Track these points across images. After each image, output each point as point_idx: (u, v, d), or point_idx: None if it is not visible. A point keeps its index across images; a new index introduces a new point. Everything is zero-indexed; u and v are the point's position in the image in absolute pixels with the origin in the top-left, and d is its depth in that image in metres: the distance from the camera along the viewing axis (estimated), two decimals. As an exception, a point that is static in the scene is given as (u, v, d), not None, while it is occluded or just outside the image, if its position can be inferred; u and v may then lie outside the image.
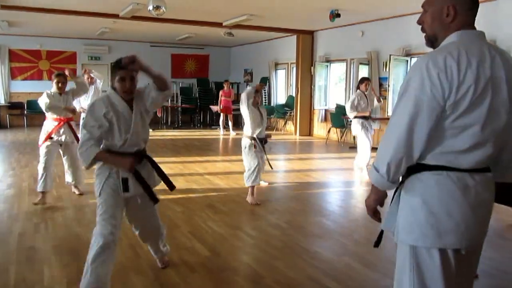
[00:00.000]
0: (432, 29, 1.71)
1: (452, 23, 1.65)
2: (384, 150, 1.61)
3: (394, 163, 1.58)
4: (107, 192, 2.74)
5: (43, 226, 4.25)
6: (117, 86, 2.74)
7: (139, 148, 2.84)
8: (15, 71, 13.69)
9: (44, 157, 4.91)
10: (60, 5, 8.55)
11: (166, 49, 15.55)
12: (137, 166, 2.81)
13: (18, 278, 3.10)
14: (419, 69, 1.54)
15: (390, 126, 1.61)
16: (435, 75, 1.51)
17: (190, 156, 8.55)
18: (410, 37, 8.80)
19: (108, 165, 2.76)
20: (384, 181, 1.62)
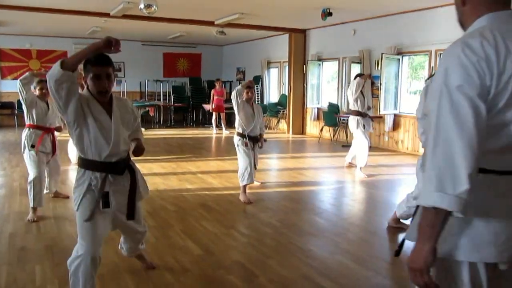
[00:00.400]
0: (458, 15, 1.51)
1: (465, 7, 1.45)
2: (452, 162, 1.25)
3: (474, 173, 1.25)
4: (85, 207, 2.49)
5: (34, 226, 4.22)
6: (90, 86, 2.45)
7: (121, 157, 2.57)
8: (5, 70, 13.56)
9: (34, 170, 4.47)
10: (50, 4, 8.47)
11: (158, 48, 15.48)
12: (118, 178, 2.58)
13: (10, 279, 3.08)
14: (456, 57, 1.29)
15: (443, 131, 1.27)
16: (475, 62, 1.26)
17: (183, 155, 8.53)
18: (402, 35, 8.85)
19: (87, 174, 2.49)
20: (463, 201, 1.24)
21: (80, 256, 2.48)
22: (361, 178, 6.41)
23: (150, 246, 3.71)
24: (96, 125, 2.44)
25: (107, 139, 2.47)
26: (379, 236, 4.09)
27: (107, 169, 2.53)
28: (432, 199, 1.26)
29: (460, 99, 1.26)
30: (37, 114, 4.54)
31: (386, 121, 9.32)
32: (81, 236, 2.52)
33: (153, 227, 4.21)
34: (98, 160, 2.49)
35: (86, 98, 2.46)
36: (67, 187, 5.75)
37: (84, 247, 2.49)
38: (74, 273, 2.50)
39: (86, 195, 2.50)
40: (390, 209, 4.76)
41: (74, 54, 2.33)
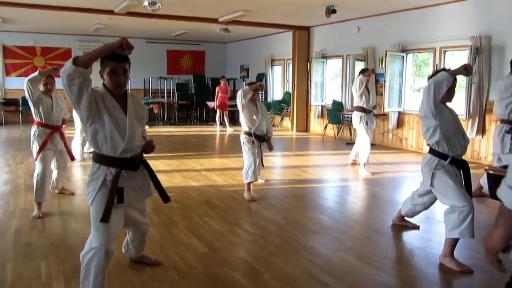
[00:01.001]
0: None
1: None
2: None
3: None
4: (99, 201, 2.53)
5: (39, 222, 4.24)
6: (107, 81, 2.50)
7: (135, 153, 2.60)
8: (9, 67, 13.60)
9: (41, 166, 4.50)
10: (54, 1, 8.49)
11: (161, 45, 15.49)
12: (132, 173, 2.62)
13: (15, 275, 3.10)
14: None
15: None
16: None
17: (187, 152, 8.55)
18: (406, 33, 8.81)
19: (102, 169, 2.54)
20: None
21: (94, 248, 2.52)
22: (364, 175, 6.41)
23: (155, 243, 3.73)
24: (112, 121, 2.46)
25: (122, 134, 2.49)
26: (383, 234, 4.09)
27: (122, 165, 2.56)
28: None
29: None
30: (44, 111, 4.57)
31: (390, 119, 9.30)
32: (96, 229, 2.56)
33: (157, 224, 4.23)
34: (113, 155, 2.52)
35: (101, 94, 2.49)
36: (72, 184, 5.78)
37: (99, 239, 2.52)
38: (87, 266, 2.54)
39: (101, 189, 2.53)
40: (394, 207, 4.76)
41: (89, 52, 2.36)
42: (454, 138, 3.35)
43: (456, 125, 3.40)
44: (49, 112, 4.61)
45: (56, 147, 4.70)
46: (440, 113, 3.31)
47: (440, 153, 3.37)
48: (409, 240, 3.96)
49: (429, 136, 3.40)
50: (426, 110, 3.34)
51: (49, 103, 4.63)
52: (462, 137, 3.39)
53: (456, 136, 3.36)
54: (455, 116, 3.45)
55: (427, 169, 3.44)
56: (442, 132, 3.32)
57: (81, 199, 5.08)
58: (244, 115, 5.01)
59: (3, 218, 4.37)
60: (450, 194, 3.31)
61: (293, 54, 11.96)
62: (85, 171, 6.59)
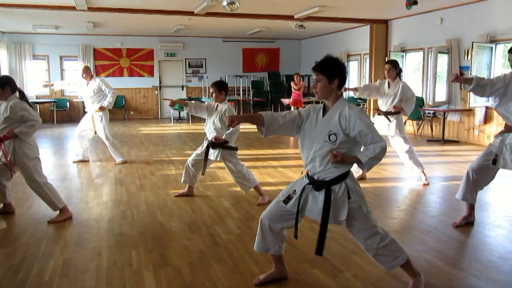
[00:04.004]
0: None
1: None
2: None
3: None
4: None
5: (129, 214, 4.53)
6: None
7: None
8: (99, 68, 14.63)
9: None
10: (139, 5, 9.00)
11: (237, 43, 15.81)
12: None
13: (110, 261, 3.35)
14: None
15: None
16: None
17: (263, 149, 8.67)
18: (495, 21, 8.22)
19: None
20: None
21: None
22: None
23: (236, 236, 3.84)
24: None
25: None
26: (469, 235, 3.87)
27: None
28: None
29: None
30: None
31: (476, 114, 8.75)
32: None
33: (237, 218, 4.35)
34: None
35: None
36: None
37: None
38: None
39: None
40: (483, 207, 4.49)
41: None
42: None
43: None
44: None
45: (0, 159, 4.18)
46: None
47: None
48: (501, 243, 3.71)
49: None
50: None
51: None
52: None
53: None
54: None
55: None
56: None
57: (166, 193, 5.35)
58: None
59: (97, 209, 4.73)
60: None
61: (370, 48, 11.64)
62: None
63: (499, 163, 3.78)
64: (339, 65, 2.65)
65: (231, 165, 4.82)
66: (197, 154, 4.92)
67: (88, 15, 10.20)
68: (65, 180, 6.08)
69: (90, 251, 3.54)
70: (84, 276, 3.10)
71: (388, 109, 5.61)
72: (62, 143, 9.76)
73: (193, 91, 15.59)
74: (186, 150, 8.29)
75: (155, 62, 15.15)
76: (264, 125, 2.71)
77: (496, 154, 3.78)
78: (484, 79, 3.81)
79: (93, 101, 6.92)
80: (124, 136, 10.74)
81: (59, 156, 8.03)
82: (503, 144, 3.77)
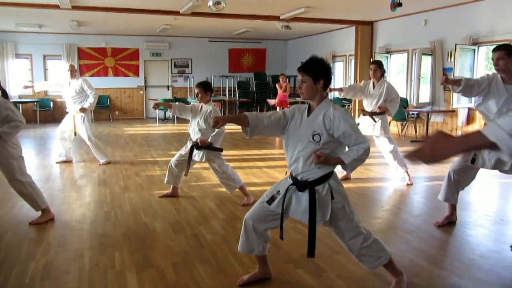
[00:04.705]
0: None
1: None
2: None
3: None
4: None
5: (113, 215, 4.49)
6: None
7: None
8: (84, 68, 14.46)
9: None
10: (124, 4, 8.92)
11: (223, 43, 15.79)
12: None
13: (92, 263, 3.31)
14: None
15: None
16: None
17: (248, 149, 8.67)
18: (478, 24, 8.35)
19: None
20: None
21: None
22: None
23: (220, 237, 3.83)
24: None
25: None
26: (452, 235, 3.92)
27: None
28: (497, 136, 1.40)
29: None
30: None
31: (459, 115, 8.87)
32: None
33: (221, 219, 4.34)
34: None
35: None
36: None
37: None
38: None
39: None
40: (465, 207, 4.55)
41: None
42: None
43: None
44: None
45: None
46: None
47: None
48: (482, 242, 3.77)
49: None
50: None
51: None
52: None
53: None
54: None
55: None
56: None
57: (150, 193, 5.31)
58: None
59: (79, 210, 4.67)
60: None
61: (356, 49, 11.73)
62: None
63: (478, 162, 3.84)
64: (324, 66, 2.66)
65: (216, 165, 4.80)
66: (181, 154, 4.89)
67: (72, 14, 10.08)
68: (48, 181, 6.00)
69: (72, 253, 3.49)
70: (65, 278, 3.06)
71: (373, 109, 5.65)
72: (46, 144, 9.62)
73: (179, 91, 15.52)
74: (171, 151, 8.25)
75: (140, 61, 15.05)
76: (249, 126, 2.70)
77: (475, 154, 3.85)
78: (471, 79, 3.91)
79: (75, 101, 6.83)
80: (108, 136, 10.64)
81: (42, 157, 7.92)
82: None
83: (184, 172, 4.89)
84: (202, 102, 4.79)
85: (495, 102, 3.73)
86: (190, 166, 4.81)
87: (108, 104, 14.72)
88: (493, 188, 5.64)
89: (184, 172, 4.89)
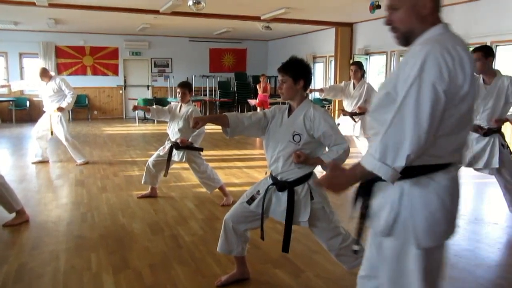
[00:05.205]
0: (408, 25, 1.66)
1: (429, 15, 1.63)
2: (399, 138, 1.45)
3: (415, 155, 1.46)
4: None
5: (89, 216, 4.42)
6: None
7: None
8: (61, 66, 14.20)
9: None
10: (104, 2, 8.79)
11: (204, 43, 15.72)
12: None
13: (68, 265, 3.25)
14: (434, 57, 1.46)
15: (402, 116, 1.46)
16: (451, 65, 1.45)
17: (228, 149, 8.65)
18: (454, 28, 8.48)
19: None
20: (396, 175, 1.49)
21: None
22: None
23: (198, 238, 3.81)
24: None
25: None
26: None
27: None
28: (372, 165, 1.51)
29: (428, 94, 1.43)
30: None
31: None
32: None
33: (200, 219, 4.32)
34: None
35: None
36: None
37: None
38: None
39: None
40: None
41: None
42: None
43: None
44: None
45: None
46: None
47: None
48: (456, 241, 3.83)
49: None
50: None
51: None
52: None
53: None
54: None
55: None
56: None
57: (129, 194, 5.25)
58: None
59: (56, 211, 4.59)
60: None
61: (336, 51, 11.82)
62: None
63: None
64: (304, 66, 2.68)
65: (196, 165, 4.78)
66: (159, 155, 4.85)
67: (49, 12, 9.88)
68: (23, 181, 5.87)
69: (47, 255, 3.43)
70: (39, 281, 3.00)
71: (353, 110, 5.71)
72: (21, 143, 9.42)
73: (159, 91, 15.39)
74: (150, 151, 8.16)
75: (119, 61, 14.86)
76: (230, 126, 2.70)
77: None
78: None
79: (52, 100, 6.71)
80: (87, 136, 10.48)
81: (17, 157, 7.75)
82: None
83: (162, 172, 4.85)
84: (183, 102, 4.77)
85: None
86: (169, 166, 4.78)
87: (86, 104, 14.49)
88: (468, 188, 5.76)
89: (162, 172, 4.85)
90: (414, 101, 1.44)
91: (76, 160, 6.94)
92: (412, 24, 1.65)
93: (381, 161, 1.48)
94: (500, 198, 4.47)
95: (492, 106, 3.87)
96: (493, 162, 3.88)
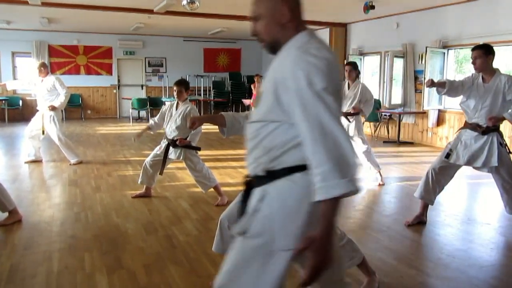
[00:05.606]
0: (271, 34, 1.67)
1: (289, 23, 1.63)
2: (343, 152, 1.43)
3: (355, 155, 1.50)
4: None
5: (83, 216, 4.40)
6: None
7: None
8: (54, 66, 14.11)
9: None
10: (97, 1, 8.75)
11: (198, 43, 15.69)
12: None
13: (61, 265, 3.23)
14: (312, 64, 1.45)
15: (329, 126, 1.42)
16: (331, 66, 1.48)
17: (223, 149, 8.64)
18: (447, 28, 8.57)
19: None
20: (358, 186, 1.47)
21: None
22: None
23: (193, 238, 3.80)
24: None
25: None
26: (422, 234, 4.01)
27: None
28: (340, 187, 1.40)
29: (330, 100, 1.43)
30: None
31: (429, 117, 9.07)
32: None
33: (195, 219, 4.31)
34: None
35: None
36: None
37: None
38: None
39: None
40: (435, 207, 4.65)
41: None
42: None
43: None
44: None
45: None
46: None
47: None
48: (450, 241, 3.86)
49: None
50: None
51: None
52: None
53: None
54: None
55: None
56: None
57: (123, 194, 5.23)
58: None
59: (48, 211, 4.56)
60: None
61: (330, 51, 11.83)
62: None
63: (452, 157, 3.97)
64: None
65: (192, 164, 4.78)
66: (156, 154, 4.84)
67: (42, 10, 9.82)
68: (16, 181, 5.83)
69: (40, 255, 3.41)
70: (32, 282, 2.98)
71: (347, 110, 5.72)
72: (14, 143, 9.36)
73: (153, 91, 15.34)
74: (144, 150, 8.14)
75: (113, 60, 14.79)
76: (226, 126, 2.70)
77: (450, 149, 3.99)
78: (455, 81, 4.14)
79: (46, 99, 6.67)
80: (80, 135, 10.42)
81: (10, 156, 7.69)
82: (458, 139, 4.03)
83: (159, 172, 4.84)
84: (179, 100, 4.77)
85: (473, 100, 3.97)
86: (165, 165, 4.77)
87: (80, 103, 14.42)
88: (462, 189, 5.79)
89: (159, 172, 4.84)
90: (327, 113, 1.42)
91: (69, 160, 6.90)
92: (275, 33, 1.66)
93: (344, 178, 1.41)
94: (493, 198, 4.51)
95: (490, 104, 3.90)
96: (492, 160, 3.90)
